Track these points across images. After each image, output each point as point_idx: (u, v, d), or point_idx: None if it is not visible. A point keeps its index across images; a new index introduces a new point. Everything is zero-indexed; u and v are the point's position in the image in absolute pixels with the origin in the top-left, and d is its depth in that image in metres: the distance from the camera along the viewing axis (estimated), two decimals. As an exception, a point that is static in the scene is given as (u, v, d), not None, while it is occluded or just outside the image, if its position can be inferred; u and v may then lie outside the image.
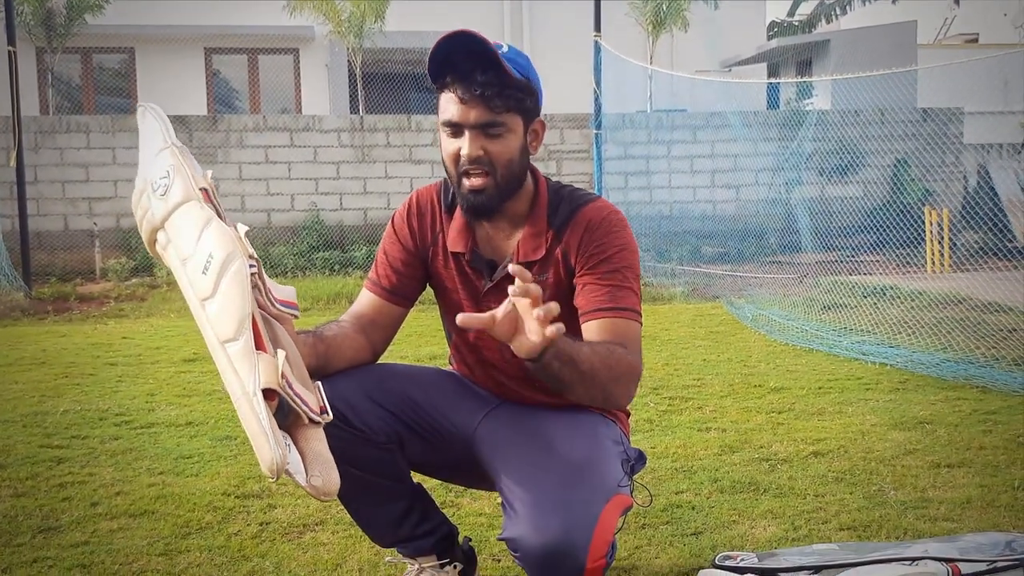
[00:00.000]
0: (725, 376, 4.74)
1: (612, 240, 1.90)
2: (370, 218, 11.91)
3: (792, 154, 9.68)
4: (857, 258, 8.94)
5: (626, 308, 1.85)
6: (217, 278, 1.53)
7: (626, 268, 1.89)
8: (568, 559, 1.67)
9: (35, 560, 2.42)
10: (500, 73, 1.80)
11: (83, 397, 4.47)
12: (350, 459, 1.88)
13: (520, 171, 1.90)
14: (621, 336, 1.82)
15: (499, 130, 1.83)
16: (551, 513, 1.70)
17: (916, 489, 2.90)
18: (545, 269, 1.93)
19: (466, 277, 2.01)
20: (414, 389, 2.04)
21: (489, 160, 1.84)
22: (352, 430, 1.91)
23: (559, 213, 1.94)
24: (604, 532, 1.71)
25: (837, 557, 2.07)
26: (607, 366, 1.72)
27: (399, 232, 2.08)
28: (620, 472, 1.87)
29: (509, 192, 1.89)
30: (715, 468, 3.15)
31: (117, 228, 11.35)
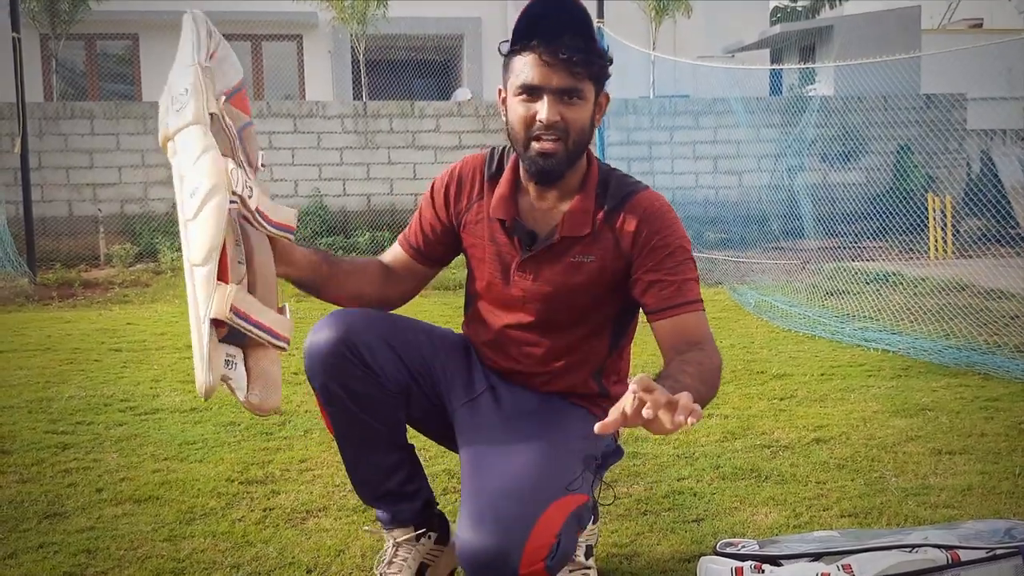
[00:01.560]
0: (727, 362, 4.75)
1: (672, 233, 1.91)
2: (373, 204, 11.92)
3: (795, 140, 9.66)
4: (860, 244, 8.93)
5: (694, 301, 1.88)
6: (200, 205, 1.66)
7: (688, 260, 1.92)
8: (500, 564, 1.69)
9: (41, 545, 2.44)
10: (589, 39, 1.81)
11: (88, 383, 4.48)
12: (357, 398, 1.95)
13: (587, 141, 1.91)
14: (694, 331, 1.86)
15: (578, 97, 1.84)
16: (486, 517, 1.72)
17: (917, 476, 2.91)
18: (590, 250, 1.93)
19: (501, 247, 2.00)
20: (428, 347, 2.07)
21: (564, 126, 1.84)
22: (367, 369, 1.94)
23: (609, 194, 1.94)
24: (542, 535, 1.72)
25: (837, 544, 2.08)
26: (706, 383, 1.74)
27: (435, 197, 2.10)
28: (575, 471, 1.87)
29: (575, 160, 1.90)
30: (717, 455, 3.16)
31: (121, 214, 11.36)
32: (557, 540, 1.75)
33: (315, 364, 1.95)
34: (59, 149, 11.28)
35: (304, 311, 7.16)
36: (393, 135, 12.06)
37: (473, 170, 2.07)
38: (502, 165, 2.02)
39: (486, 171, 2.04)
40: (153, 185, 11.52)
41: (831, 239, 8.86)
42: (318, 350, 1.94)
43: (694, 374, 1.72)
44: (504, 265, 2.01)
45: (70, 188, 11.33)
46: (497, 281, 2.03)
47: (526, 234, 1.97)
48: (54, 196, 11.26)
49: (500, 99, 1.94)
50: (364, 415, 1.96)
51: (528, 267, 1.97)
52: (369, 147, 12.02)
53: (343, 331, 1.94)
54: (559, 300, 1.97)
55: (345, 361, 1.93)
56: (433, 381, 2.06)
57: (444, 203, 2.08)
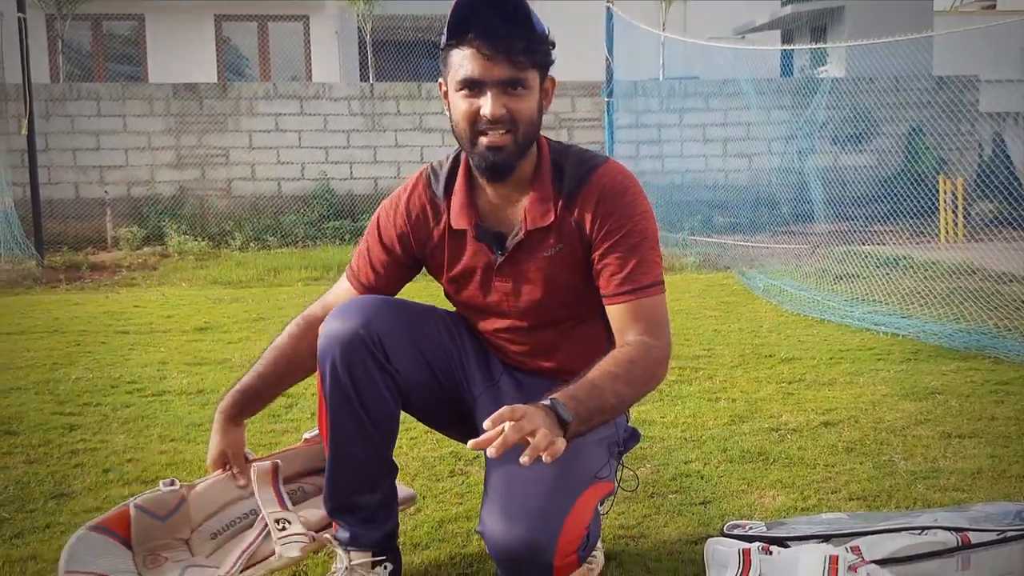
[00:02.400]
0: (735, 346, 4.73)
1: (628, 212, 1.84)
2: (380, 187, 11.89)
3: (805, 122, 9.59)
4: (870, 228, 8.88)
5: (648, 285, 1.83)
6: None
7: (645, 239, 1.84)
8: (534, 559, 1.67)
9: (48, 526, 2.44)
10: (528, 26, 1.75)
11: (95, 365, 4.49)
12: (363, 391, 1.87)
13: (536, 130, 1.85)
14: (645, 317, 1.81)
15: (521, 88, 1.77)
16: (518, 513, 1.69)
17: (926, 459, 2.89)
18: (560, 239, 1.87)
19: (473, 257, 1.94)
20: (447, 337, 2.01)
21: (511, 119, 1.78)
22: (384, 364, 1.87)
23: (567, 177, 1.88)
24: (574, 528, 1.70)
25: (846, 526, 2.07)
26: (633, 382, 1.73)
27: (385, 241, 2.02)
28: (602, 459, 1.85)
29: (526, 150, 1.84)
30: (724, 438, 3.15)
31: (128, 197, 11.36)
32: (587, 531, 1.74)
33: (332, 348, 1.86)
34: (66, 131, 11.27)
35: (311, 294, 7.15)
36: (400, 117, 12.02)
37: (420, 199, 1.98)
38: (452, 175, 1.95)
39: (434, 192, 1.97)
40: (160, 168, 11.51)
41: (841, 223, 8.82)
42: (338, 335, 1.86)
43: (618, 375, 1.70)
44: (481, 275, 1.95)
45: (77, 170, 11.33)
46: (477, 293, 1.97)
47: (492, 237, 1.92)
48: (61, 178, 11.26)
49: (441, 92, 1.87)
50: (365, 414, 1.88)
51: (506, 270, 1.92)
52: (376, 130, 11.99)
53: (365, 321, 1.86)
54: (543, 298, 1.92)
55: (365, 353, 1.85)
56: (452, 372, 2.01)
57: (399, 240, 2.00)
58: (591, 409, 1.64)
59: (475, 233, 1.92)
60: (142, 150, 11.47)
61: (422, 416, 2.11)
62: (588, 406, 1.63)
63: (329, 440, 1.93)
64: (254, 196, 11.64)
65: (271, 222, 11.15)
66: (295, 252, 9.81)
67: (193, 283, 7.97)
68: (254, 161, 11.68)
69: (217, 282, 8.01)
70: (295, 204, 11.64)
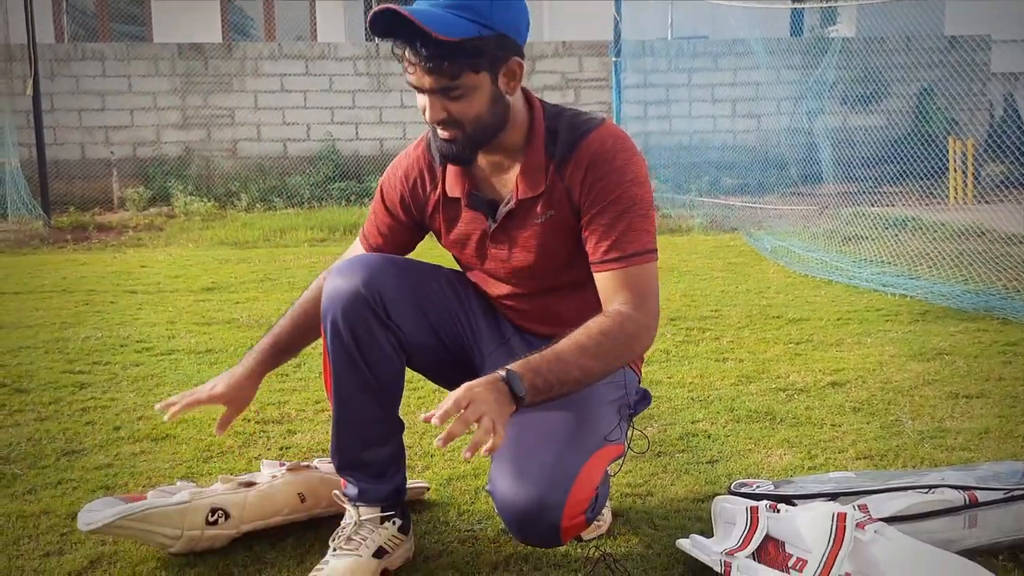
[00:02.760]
0: (743, 307, 4.73)
1: (619, 176, 1.82)
2: (386, 148, 11.83)
3: (815, 83, 9.50)
4: (879, 189, 8.82)
5: (635, 253, 1.81)
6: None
7: (634, 206, 1.82)
8: (543, 519, 1.69)
9: (60, 482, 2.46)
10: (438, 44, 1.68)
11: (104, 324, 4.50)
12: (366, 348, 1.88)
13: (495, 119, 1.81)
14: (631, 286, 1.80)
15: (459, 92, 1.74)
16: (528, 471, 1.70)
17: (934, 419, 2.89)
18: (550, 205, 1.86)
19: (468, 224, 1.95)
20: (453, 297, 2.02)
21: (455, 119, 1.77)
22: (386, 321, 1.88)
23: (559, 143, 1.85)
24: (583, 490, 1.71)
25: (854, 484, 2.08)
26: (599, 355, 1.73)
27: (389, 205, 2.05)
28: (613, 421, 1.86)
29: (484, 140, 1.82)
30: (731, 398, 3.16)
31: (134, 157, 11.33)
32: (596, 493, 1.75)
33: (334, 306, 1.87)
34: (71, 91, 11.21)
35: (317, 255, 7.15)
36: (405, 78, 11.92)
37: (419, 163, 2.00)
38: None
39: (432, 156, 1.97)
40: (165, 128, 11.46)
41: (850, 184, 8.76)
42: (340, 293, 1.87)
43: (586, 348, 1.71)
44: (477, 242, 1.96)
45: (82, 131, 11.29)
46: (474, 259, 1.99)
47: (485, 205, 1.91)
48: (67, 139, 11.22)
49: None
50: (368, 369, 1.89)
51: (500, 238, 1.92)
52: (382, 90, 11.91)
53: (368, 278, 1.88)
54: (537, 265, 1.92)
55: (366, 309, 1.86)
56: (457, 329, 2.01)
57: (400, 205, 2.03)
58: (551, 382, 1.68)
59: (468, 201, 1.93)
60: (147, 111, 11.41)
61: (428, 373, 2.12)
62: (547, 379, 1.67)
63: (334, 397, 1.95)
64: (260, 157, 11.60)
65: (277, 183, 11.12)
66: (301, 213, 9.79)
67: (200, 244, 7.97)
68: (259, 122, 11.62)
69: (223, 243, 8.01)
70: (301, 165, 11.59)
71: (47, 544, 2.08)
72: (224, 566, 1.96)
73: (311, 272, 6.07)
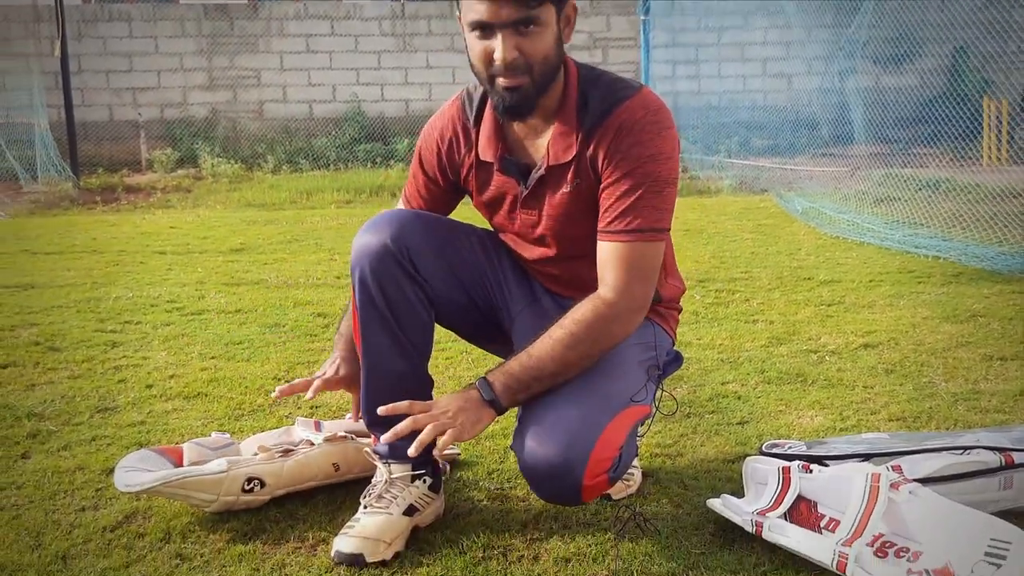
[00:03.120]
0: (773, 269, 4.69)
1: (640, 150, 1.77)
2: (411, 109, 11.79)
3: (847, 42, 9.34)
4: (911, 150, 8.70)
5: (639, 229, 1.77)
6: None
7: (651, 182, 1.77)
8: (564, 476, 1.69)
9: (94, 438, 2.48)
10: None
11: (134, 284, 4.53)
12: (394, 304, 1.88)
13: (557, 65, 1.78)
14: (626, 262, 1.78)
15: (534, 26, 1.69)
16: (551, 429, 1.71)
17: (968, 381, 2.86)
18: (578, 174, 1.83)
19: (500, 188, 1.93)
20: (483, 254, 2.01)
21: (525, 62, 1.71)
22: (414, 275, 1.88)
23: (590, 110, 1.81)
24: (606, 449, 1.71)
25: (887, 445, 2.06)
26: (573, 346, 1.75)
27: (426, 166, 2.04)
28: (640, 382, 1.85)
29: (545, 89, 1.78)
30: (762, 359, 3.13)
31: (161, 119, 11.36)
32: (619, 452, 1.75)
33: (362, 260, 1.87)
34: (98, 53, 11.23)
35: (343, 217, 7.16)
36: (432, 38, 11.86)
37: (454, 124, 1.96)
38: (483, 103, 1.91)
39: (467, 117, 1.94)
40: (192, 90, 11.47)
41: (882, 145, 8.64)
42: (368, 247, 1.87)
43: (560, 340, 1.75)
44: (508, 206, 1.94)
45: (110, 92, 11.32)
46: (505, 222, 1.98)
47: (517, 169, 1.89)
48: (94, 100, 11.26)
49: (461, 26, 1.80)
50: (397, 325, 1.88)
51: (531, 203, 1.90)
52: (407, 50, 11.84)
53: (396, 233, 1.87)
54: (565, 231, 1.90)
55: (393, 264, 1.86)
56: (486, 287, 2.01)
57: (438, 167, 2.01)
58: (525, 381, 1.75)
59: (500, 166, 1.90)
60: (174, 72, 11.42)
61: (458, 330, 2.12)
62: (521, 379, 1.75)
63: (363, 353, 1.95)
64: (286, 119, 11.60)
65: (303, 145, 11.13)
66: (327, 175, 9.80)
67: (227, 205, 8.00)
68: (285, 83, 11.61)
69: (251, 204, 8.04)
70: (327, 127, 11.58)
71: (82, 499, 2.11)
72: (257, 522, 1.97)
73: (338, 234, 6.08)
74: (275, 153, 10.75)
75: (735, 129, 10.62)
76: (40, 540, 1.90)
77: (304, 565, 1.80)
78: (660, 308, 2.02)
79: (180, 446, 2.10)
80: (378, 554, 1.80)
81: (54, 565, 1.80)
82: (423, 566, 1.79)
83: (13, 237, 6.22)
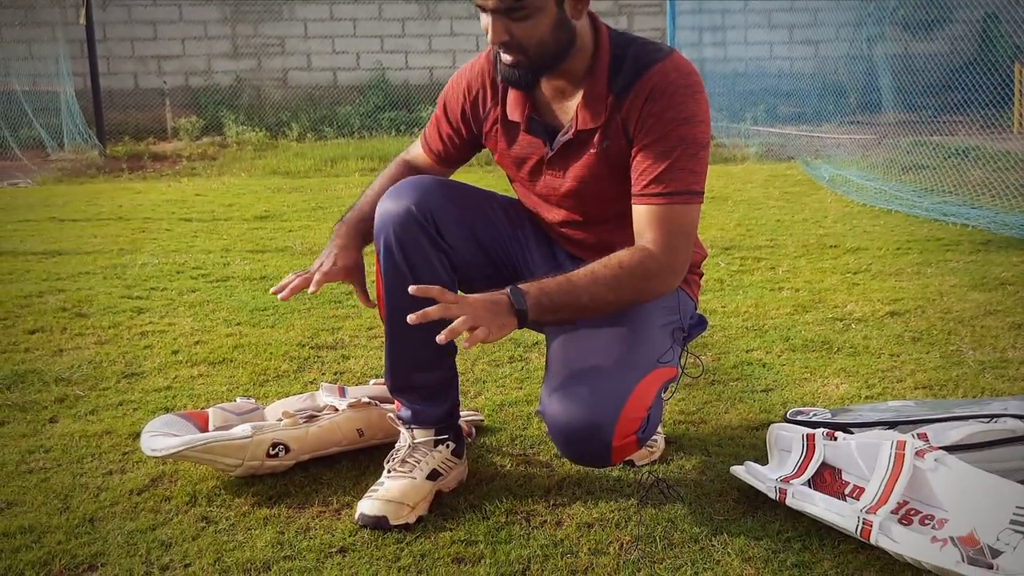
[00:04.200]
0: (799, 237, 4.65)
1: (674, 113, 1.75)
2: (435, 77, 11.74)
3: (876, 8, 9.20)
4: (940, 118, 8.57)
5: (676, 192, 1.75)
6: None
7: (685, 144, 1.75)
8: (594, 437, 1.69)
9: (120, 403, 2.51)
10: None
11: (160, 251, 4.56)
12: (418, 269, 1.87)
13: (559, 45, 1.75)
14: (663, 224, 1.76)
15: (524, 12, 1.68)
16: (579, 390, 1.71)
17: (995, 349, 2.83)
18: (606, 136, 1.82)
19: (525, 148, 1.92)
20: (505, 220, 2.01)
21: (517, 43, 1.72)
22: (437, 240, 1.88)
23: (622, 73, 1.79)
24: (635, 409, 1.71)
25: (913, 413, 2.04)
26: (613, 287, 1.72)
27: (450, 114, 2.03)
28: (665, 344, 1.84)
29: (548, 67, 1.77)
30: (787, 327, 3.11)
31: (186, 87, 11.38)
32: (648, 414, 1.74)
33: (386, 226, 1.88)
34: (123, 20, 11.24)
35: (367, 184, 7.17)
36: (456, 5, 11.78)
37: (482, 78, 1.96)
38: None
39: (496, 73, 1.92)
40: (216, 58, 11.47)
41: (910, 112, 8.52)
42: (391, 213, 1.87)
43: (601, 277, 1.72)
44: (533, 165, 1.93)
45: (135, 60, 11.34)
46: (527, 181, 1.97)
47: (543, 130, 1.88)
48: (120, 68, 11.28)
49: None
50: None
51: (556, 164, 1.89)
52: (431, 17, 11.77)
53: (420, 200, 1.87)
54: (590, 193, 1.89)
55: (418, 229, 1.86)
56: (509, 252, 2.01)
57: (462, 119, 2.00)
58: (558, 303, 1.69)
59: (527, 126, 1.89)
60: (198, 40, 11.42)
61: None
62: (554, 299, 1.69)
63: (386, 317, 1.96)
64: (310, 86, 11.59)
65: (327, 112, 11.12)
66: (351, 143, 9.79)
67: (252, 173, 8.02)
68: (309, 50, 11.58)
69: (275, 172, 8.05)
70: (351, 94, 11.56)
71: (109, 463, 2.13)
72: (282, 486, 1.99)
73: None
74: (299, 121, 10.75)
75: (761, 96, 10.50)
76: (68, 503, 1.93)
77: (328, 528, 1.81)
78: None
79: (205, 411, 2.11)
80: (401, 517, 1.81)
81: (82, 527, 1.82)
82: (446, 530, 1.80)
83: (41, 204, 6.27)
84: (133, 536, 1.79)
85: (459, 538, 1.77)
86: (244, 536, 1.79)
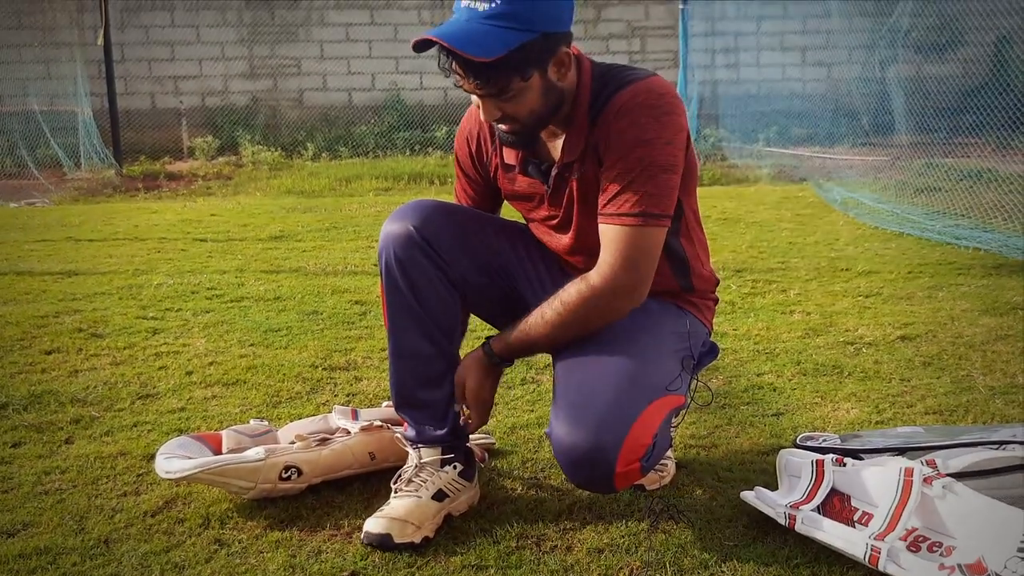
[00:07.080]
0: (811, 259, 4.66)
1: (636, 133, 1.76)
2: (450, 98, 11.80)
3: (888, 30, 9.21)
4: (953, 140, 8.57)
5: (628, 214, 1.77)
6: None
7: (645, 167, 1.76)
8: (597, 461, 1.71)
9: (135, 424, 2.53)
10: (484, 68, 1.68)
11: (175, 271, 4.60)
12: (419, 289, 1.94)
13: (550, 107, 1.80)
14: (618, 246, 1.79)
15: (510, 94, 1.75)
16: (585, 416, 1.73)
17: (1006, 375, 2.83)
18: (583, 161, 1.87)
19: (525, 187, 2.00)
20: (507, 244, 2.05)
21: (510, 116, 1.79)
22: (438, 261, 1.94)
23: (599, 100, 1.83)
24: (640, 436, 1.72)
25: (922, 439, 2.05)
26: (559, 325, 1.85)
27: (463, 167, 2.12)
28: (674, 372, 1.86)
29: (543, 126, 1.85)
30: (798, 351, 3.12)
31: (203, 107, 11.47)
32: (653, 441, 1.75)
33: (388, 246, 1.94)
34: (140, 41, 11.36)
35: (381, 204, 7.20)
36: (471, 26, 11.83)
37: (478, 125, 2.04)
38: None
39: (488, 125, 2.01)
40: (233, 78, 11.57)
41: (923, 135, 8.52)
42: (392, 234, 1.94)
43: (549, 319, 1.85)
44: (535, 203, 2.00)
45: (152, 80, 11.45)
46: (535, 217, 2.04)
47: (539, 170, 1.95)
48: (137, 88, 11.39)
49: None
50: (421, 308, 1.94)
51: (555, 199, 1.95)
52: (446, 39, 11.83)
53: (419, 221, 1.94)
54: (579, 220, 1.93)
55: (417, 250, 1.92)
56: (512, 275, 2.04)
57: (473, 168, 2.09)
58: (516, 348, 1.93)
59: (522, 168, 1.97)
60: (216, 60, 11.52)
61: (482, 314, 2.14)
62: (513, 346, 1.92)
63: (390, 336, 2.01)
64: (325, 107, 11.67)
65: (342, 132, 11.19)
66: (366, 162, 9.84)
67: (267, 193, 8.08)
68: (325, 71, 11.67)
69: (290, 192, 8.10)
70: (366, 115, 11.63)
71: (124, 484, 2.15)
72: (294, 509, 2.01)
73: (376, 221, 6.12)
74: (315, 141, 10.82)
75: (774, 118, 10.52)
76: (83, 524, 1.95)
77: (340, 552, 1.83)
78: (694, 299, 2.03)
79: (219, 433, 2.14)
80: (406, 536, 1.82)
81: (96, 549, 1.84)
82: (456, 554, 1.81)
83: (57, 224, 6.33)
84: (147, 558, 1.81)
85: (470, 562, 1.78)
86: (256, 559, 1.81)
